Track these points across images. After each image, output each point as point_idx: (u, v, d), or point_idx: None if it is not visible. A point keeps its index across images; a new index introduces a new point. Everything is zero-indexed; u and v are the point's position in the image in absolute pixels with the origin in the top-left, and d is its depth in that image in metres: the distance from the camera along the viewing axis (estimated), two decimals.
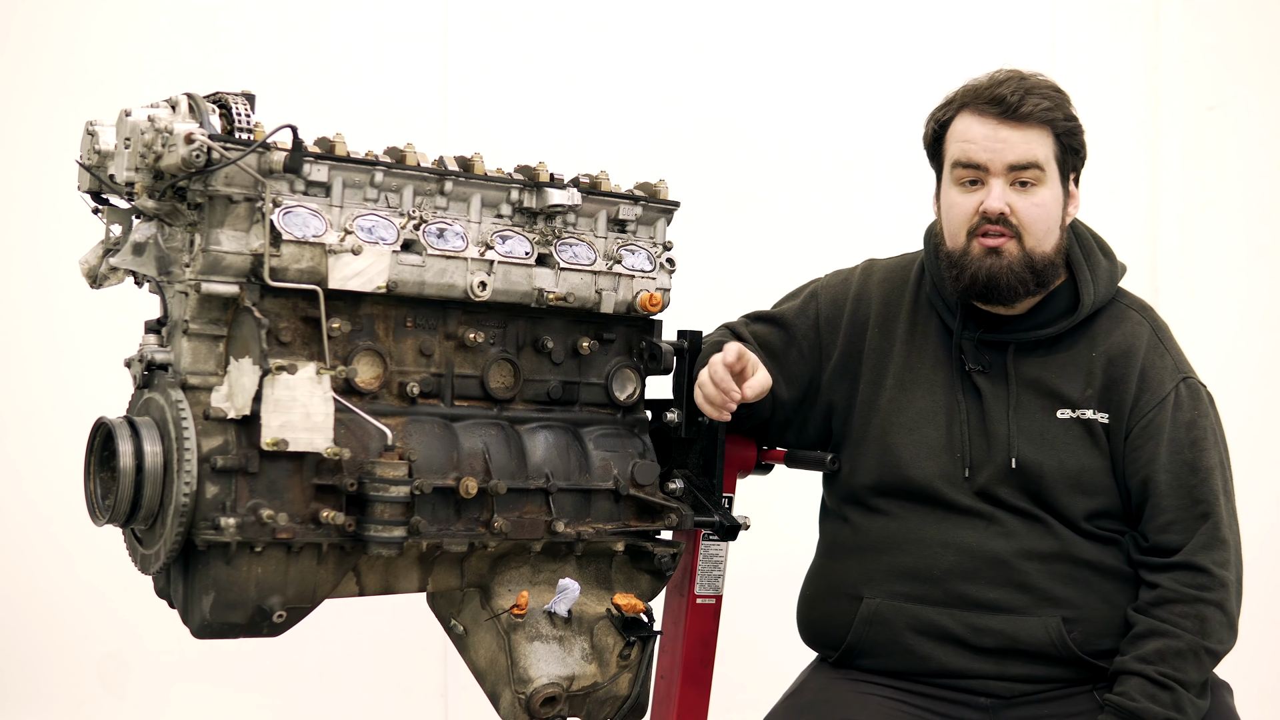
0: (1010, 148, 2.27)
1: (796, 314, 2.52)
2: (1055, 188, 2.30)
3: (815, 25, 3.85)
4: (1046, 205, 2.29)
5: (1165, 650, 2.22)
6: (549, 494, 2.24)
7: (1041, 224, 2.29)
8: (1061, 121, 2.29)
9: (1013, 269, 2.28)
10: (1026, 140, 2.27)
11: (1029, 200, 2.28)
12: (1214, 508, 2.28)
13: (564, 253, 2.28)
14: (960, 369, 2.38)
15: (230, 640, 2.12)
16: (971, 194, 2.30)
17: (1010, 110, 2.27)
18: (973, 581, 2.31)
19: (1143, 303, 2.44)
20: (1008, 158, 2.28)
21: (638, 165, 2.66)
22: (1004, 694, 2.30)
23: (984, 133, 2.29)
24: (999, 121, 2.28)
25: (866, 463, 2.41)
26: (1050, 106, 2.28)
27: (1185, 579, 2.25)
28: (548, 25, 3.73)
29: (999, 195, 2.28)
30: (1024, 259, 2.28)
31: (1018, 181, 2.28)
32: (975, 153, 2.29)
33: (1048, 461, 2.30)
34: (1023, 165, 2.27)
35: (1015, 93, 2.27)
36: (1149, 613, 2.26)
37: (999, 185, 2.28)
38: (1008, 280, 2.29)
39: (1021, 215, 2.28)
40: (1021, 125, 2.27)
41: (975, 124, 2.29)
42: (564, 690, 2.24)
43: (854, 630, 2.37)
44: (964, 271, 2.31)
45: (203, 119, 2.02)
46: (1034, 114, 2.27)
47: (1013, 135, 2.27)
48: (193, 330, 2.04)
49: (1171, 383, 2.32)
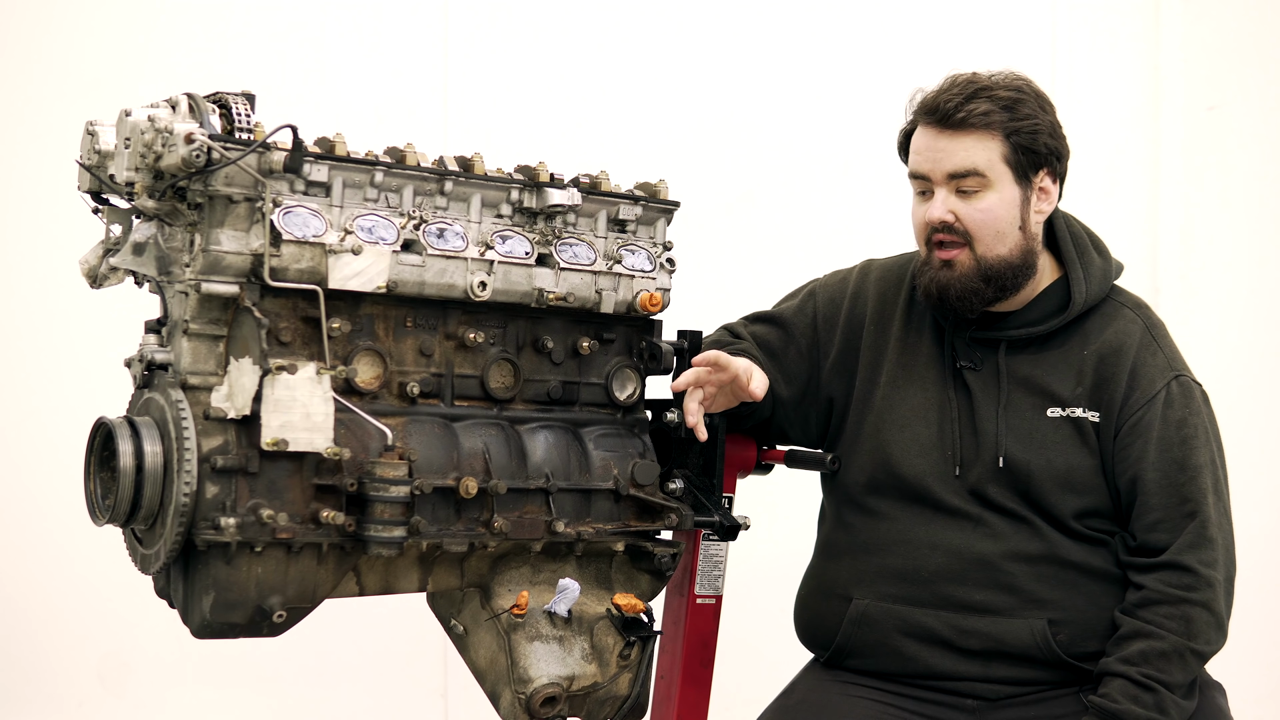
0: (948, 156, 2.28)
1: (795, 313, 2.52)
2: (1006, 190, 2.29)
3: (815, 26, 3.85)
4: (993, 210, 2.29)
5: (1149, 651, 2.22)
6: (549, 494, 2.24)
7: (988, 229, 2.29)
8: (1009, 123, 2.28)
9: (964, 279, 2.30)
10: (965, 148, 2.28)
11: (973, 207, 2.29)
12: (1201, 506, 2.27)
13: (564, 253, 2.28)
14: (952, 366, 2.38)
15: (230, 640, 2.12)
16: (925, 203, 2.33)
17: (945, 119, 2.28)
18: (960, 583, 2.31)
19: (1138, 300, 2.43)
20: (945, 166, 2.29)
21: (638, 165, 2.66)
22: (989, 696, 2.31)
23: (925, 143, 2.31)
24: (938, 131, 2.29)
25: (860, 460, 2.41)
26: (989, 110, 2.27)
27: (1171, 579, 2.25)
28: (548, 25, 3.73)
29: (940, 204, 2.30)
30: (975, 268, 2.30)
31: (960, 189, 2.29)
32: (919, 163, 2.32)
33: (1036, 460, 2.30)
34: (961, 173, 2.28)
35: (952, 100, 2.27)
36: (1134, 614, 2.25)
37: (941, 194, 2.30)
38: (958, 291, 2.30)
39: (966, 222, 2.29)
40: (959, 133, 2.28)
41: (920, 134, 2.32)
42: (564, 690, 2.24)
43: (843, 631, 2.38)
44: (921, 281, 2.34)
45: (203, 119, 2.02)
46: (968, 120, 2.27)
47: (950, 144, 2.28)
48: (193, 330, 2.04)
49: (1163, 380, 2.32)
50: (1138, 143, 3.97)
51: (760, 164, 3.80)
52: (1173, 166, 3.97)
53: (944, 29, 3.88)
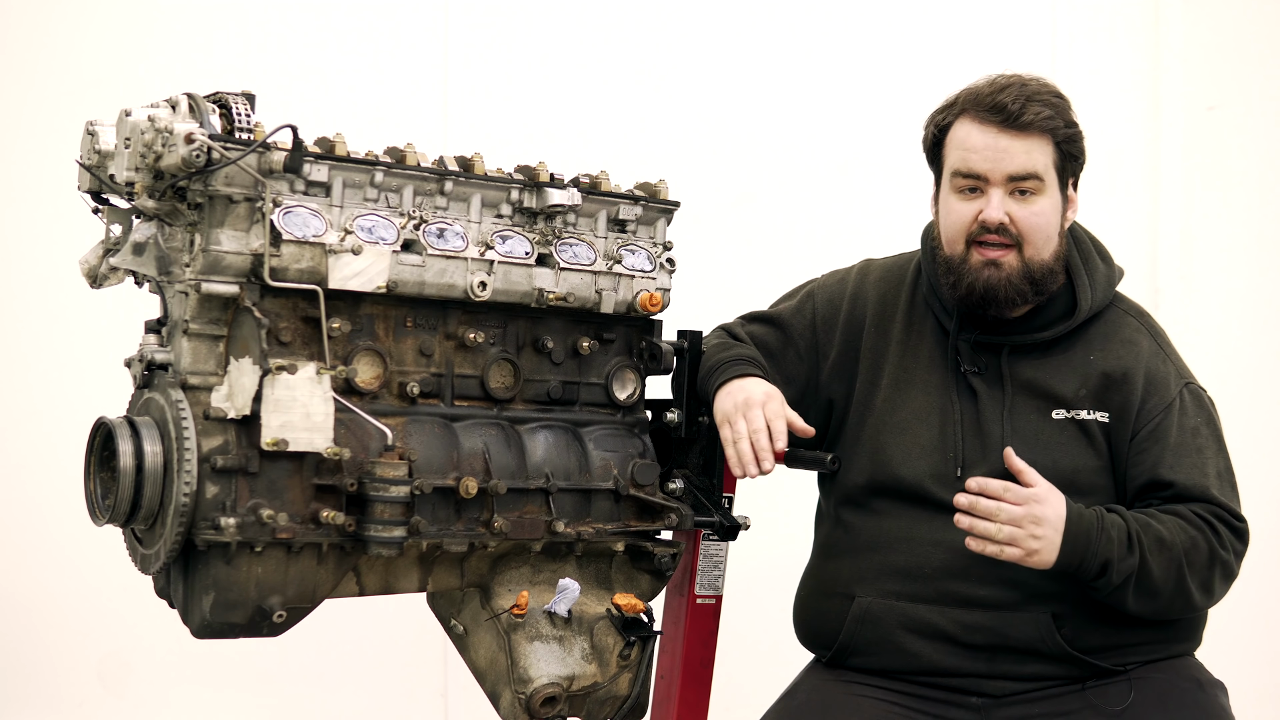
0: (1011, 158, 2.27)
1: (793, 314, 2.52)
2: (1054, 196, 2.30)
3: (815, 26, 3.85)
4: (1046, 214, 2.29)
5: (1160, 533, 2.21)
6: (549, 494, 2.24)
7: (1041, 233, 2.29)
8: (1062, 129, 2.28)
9: (1011, 281, 2.29)
10: (1027, 150, 2.27)
11: (1028, 210, 2.28)
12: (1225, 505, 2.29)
13: (564, 253, 2.28)
14: (955, 370, 2.38)
15: (230, 640, 2.12)
16: (971, 202, 2.30)
17: (1011, 119, 2.26)
18: (963, 579, 2.31)
19: (1140, 308, 2.44)
20: (1008, 168, 2.27)
21: (638, 165, 2.66)
22: (995, 693, 2.31)
23: (984, 141, 2.28)
24: (1000, 130, 2.27)
25: (860, 462, 2.41)
26: (1051, 115, 2.27)
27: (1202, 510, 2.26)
28: (548, 25, 3.73)
29: (998, 205, 2.27)
30: (1023, 270, 2.29)
31: (1017, 191, 2.28)
32: (975, 162, 2.28)
33: (1041, 462, 2.30)
34: (1023, 175, 2.27)
35: (1016, 100, 2.26)
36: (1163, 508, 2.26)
37: (998, 195, 2.28)
38: (1005, 292, 2.29)
39: (1021, 225, 2.28)
40: (1022, 135, 2.26)
41: (975, 131, 2.29)
42: (564, 690, 2.24)
43: (846, 629, 2.37)
44: (961, 280, 2.31)
45: (203, 119, 2.02)
46: (1035, 123, 2.26)
47: (1014, 145, 2.27)
48: (193, 330, 2.04)
49: (1176, 388, 2.33)
50: (1138, 143, 3.97)
51: (760, 164, 3.80)
52: (1173, 166, 3.97)
53: (944, 29, 3.88)
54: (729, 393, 2.34)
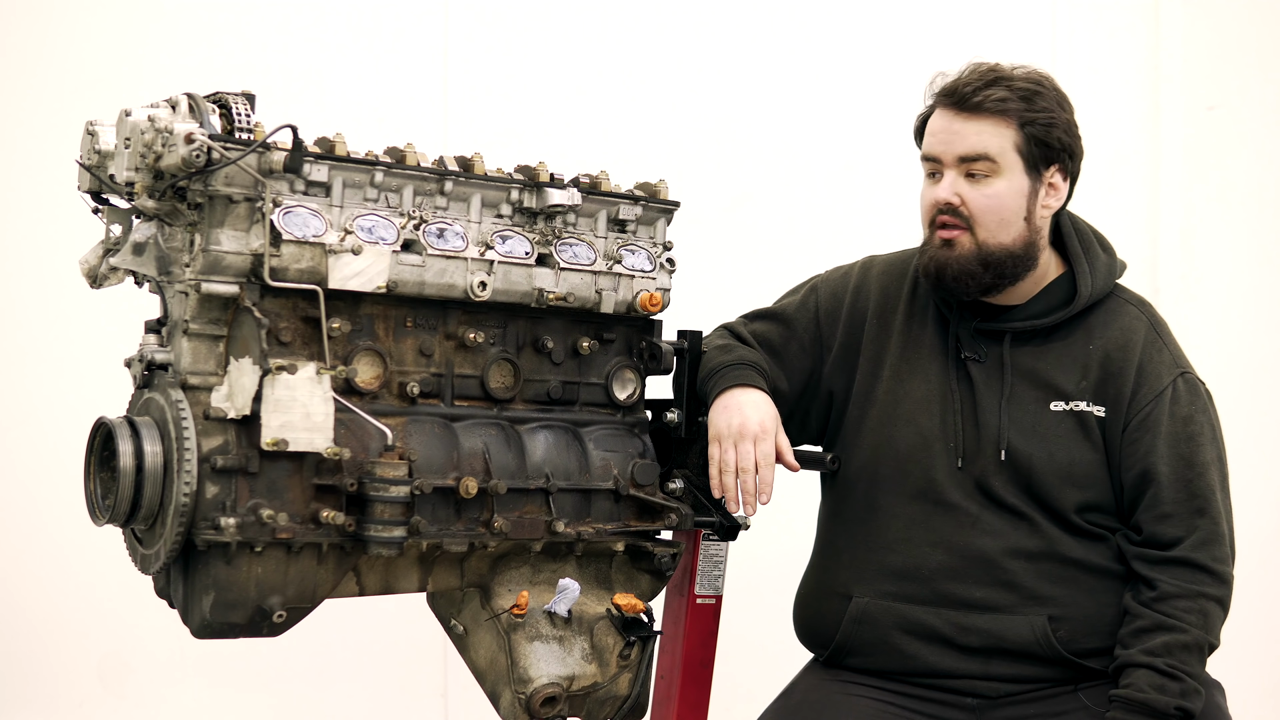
0: (961, 139, 2.29)
1: (797, 309, 2.52)
2: (1015, 179, 2.30)
3: (815, 26, 3.85)
4: (1000, 197, 2.29)
5: (1173, 644, 2.22)
6: (549, 494, 2.24)
7: (992, 215, 2.30)
8: (1025, 113, 2.28)
9: (961, 261, 2.30)
10: (978, 131, 2.28)
11: (979, 191, 2.30)
12: (1210, 503, 2.28)
13: (564, 253, 2.28)
14: (956, 357, 2.38)
15: (230, 640, 2.12)
16: (933, 186, 2.34)
17: (962, 101, 2.29)
18: (959, 580, 2.31)
19: (1140, 298, 2.44)
20: (958, 149, 2.30)
21: (638, 165, 2.66)
22: (990, 694, 2.31)
23: (940, 125, 2.32)
24: (954, 113, 2.30)
25: (862, 454, 2.41)
26: (1006, 98, 2.28)
27: (1186, 575, 2.26)
28: (548, 26, 3.73)
29: (947, 185, 2.31)
30: (975, 252, 2.30)
31: (969, 173, 2.30)
32: (932, 145, 2.33)
33: (1037, 453, 2.30)
34: (972, 157, 2.29)
35: (971, 84, 2.29)
36: (1153, 607, 2.25)
37: (950, 176, 2.31)
38: (954, 272, 2.31)
39: (971, 206, 2.30)
40: (974, 117, 2.29)
41: (936, 117, 2.33)
42: (564, 690, 2.24)
43: (843, 629, 2.38)
44: (921, 259, 2.35)
45: (203, 119, 2.02)
46: (984, 105, 2.28)
47: (965, 127, 2.29)
48: (193, 330, 2.04)
49: (1169, 377, 2.33)
50: (1138, 142, 3.97)
51: (760, 164, 3.80)
52: (1173, 166, 3.97)
53: (944, 29, 3.88)
54: (725, 407, 2.35)
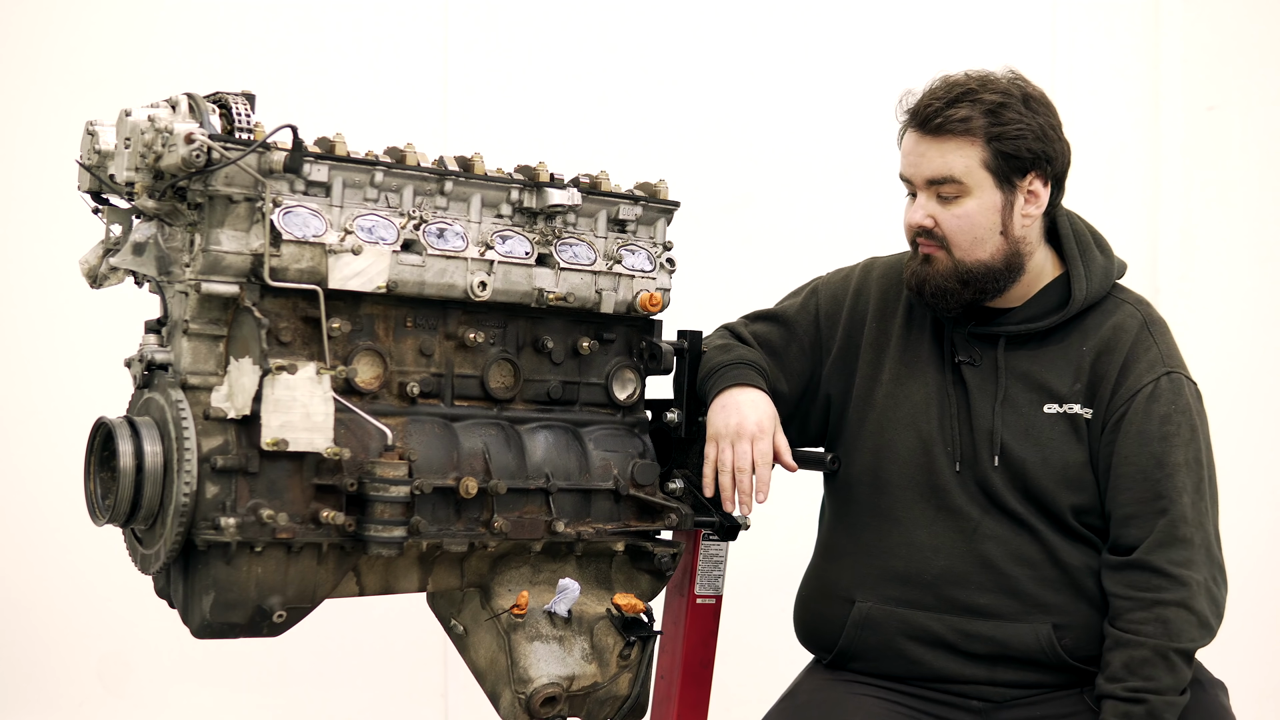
0: (927, 162, 2.29)
1: (798, 310, 2.52)
2: (985, 196, 2.28)
3: (815, 26, 3.86)
4: (970, 216, 2.28)
5: (1130, 661, 2.21)
6: (549, 494, 2.24)
7: (965, 235, 2.29)
8: (990, 128, 2.26)
9: (939, 278, 2.31)
10: (942, 154, 2.28)
11: (950, 213, 2.30)
12: (1174, 504, 2.25)
13: (564, 253, 2.28)
14: (951, 361, 2.38)
15: (230, 640, 2.12)
16: (910, 206, 2.35)
17: (925, 123, 2.28)
18: (963, 586, 2.31)
19: (1139, 297, 2.42)
20: (925, 172, 2.30)
21: (638, 165, 2.66)
22: (995, 698, 2.31)
23: (908, 147, 2.32)
24: (920, 135, 2.30)
25: (862, 458, 2.41)
26: (968, 116, 2.25)
27: (1139, 580, 2.23)
28: (548, 26, 3.73)
29: (919, 208, 2.31)
30: (953, 269, 2.30)
31: (939, 195, 2.30)
32: (903, 167, 2.34)
33: (1031, 456, 2.30)
34: (939, 180, 2.29)
35: (934, 105, 2.27)
36: (1114, 624, 2.24)
37: (921, 198, 2.31)
38: (932, 288, 2.32)
39: (944, 227, 2.30)
40: (938, 139, 2.28)
41: (906, 137, 2.33)
42: (564, 690, 2.24)
43: (846, 634, 2.38)
44: (904, 274, 2.37)
45: (203, 119, 2.02)
46: (946, 126, 2.26)
47: (930, 150, 2.29)
48: (193, 330, 2.04)
49: (1152, 375, 2.30)
50: (1138, 143, 3.97)
51: (760, 164, 3.81)
52: (1173, 166, 3.97)
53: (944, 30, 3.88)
54: (723, 406, 2.35)
